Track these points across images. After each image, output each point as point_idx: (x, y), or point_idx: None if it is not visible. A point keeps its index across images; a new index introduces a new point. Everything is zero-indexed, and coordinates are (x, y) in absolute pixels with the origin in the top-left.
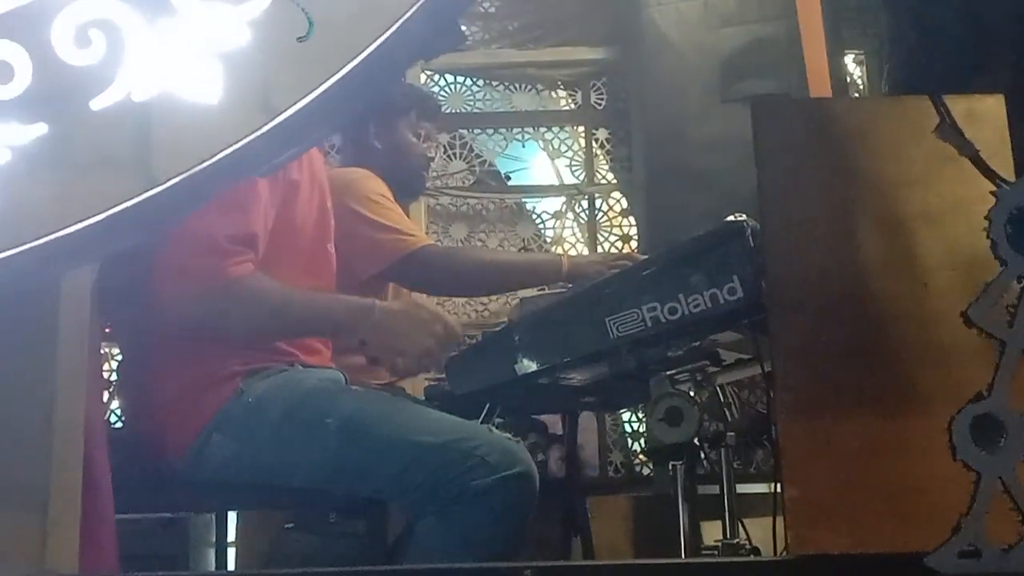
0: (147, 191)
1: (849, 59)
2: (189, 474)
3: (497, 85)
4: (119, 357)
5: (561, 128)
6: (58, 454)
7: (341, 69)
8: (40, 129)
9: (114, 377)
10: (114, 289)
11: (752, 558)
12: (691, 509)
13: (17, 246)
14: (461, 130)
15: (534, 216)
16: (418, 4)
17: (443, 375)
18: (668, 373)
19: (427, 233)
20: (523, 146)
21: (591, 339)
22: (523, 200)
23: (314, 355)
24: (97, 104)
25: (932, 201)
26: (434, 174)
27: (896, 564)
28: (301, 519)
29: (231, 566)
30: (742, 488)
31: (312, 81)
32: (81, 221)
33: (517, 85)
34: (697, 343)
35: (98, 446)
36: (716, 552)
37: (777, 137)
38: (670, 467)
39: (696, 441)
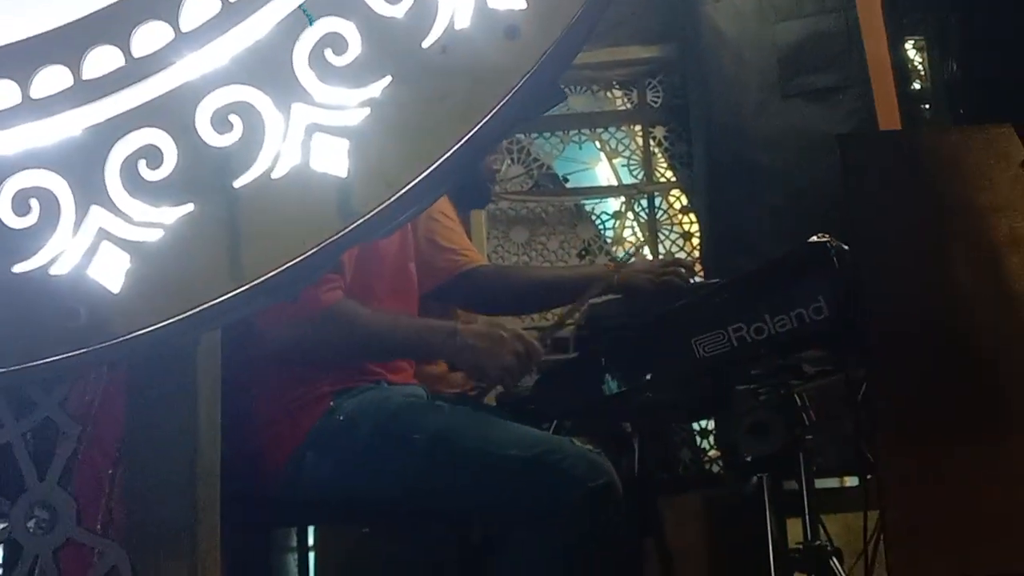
0: (288, 262)
1: (909, 45)
2: (284, 491)
3: None
4: None
5: (618, 128)
6: (201, 497)
7: (457, 143)
8: (188, 208)
9: None
10: None
11: None
12: (777, 515)
13: (168, 318)
14: (518, 135)
15: (594, 217)
16: (527, 77)
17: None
18: (751, 386)
19: (487, 238)
20: (580, 148)
21: (677, 360)
22: (582, 202)
23: (399, 373)
24: (239, 182)
25: (1018, 226)
26: None
27: None
28: (378, 526)
29: (311, 572)
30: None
31: (428, 154)
32: (227, 293)
33: (573, 87)
34: (783, 361)
35: None
36: (798, 555)
37: (865, 170)
38: (755, 478)
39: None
